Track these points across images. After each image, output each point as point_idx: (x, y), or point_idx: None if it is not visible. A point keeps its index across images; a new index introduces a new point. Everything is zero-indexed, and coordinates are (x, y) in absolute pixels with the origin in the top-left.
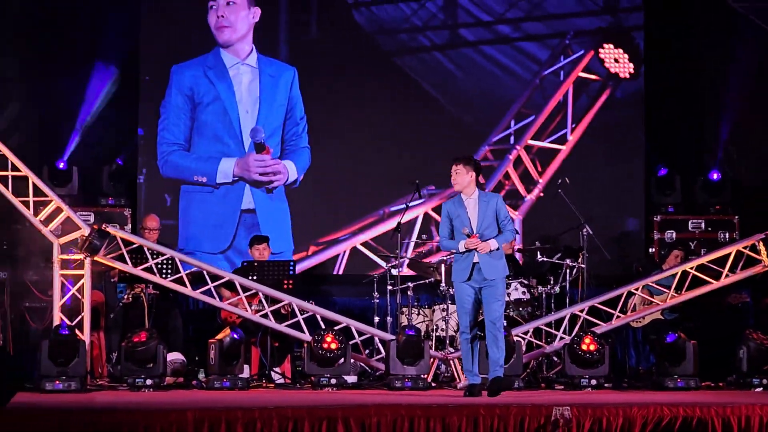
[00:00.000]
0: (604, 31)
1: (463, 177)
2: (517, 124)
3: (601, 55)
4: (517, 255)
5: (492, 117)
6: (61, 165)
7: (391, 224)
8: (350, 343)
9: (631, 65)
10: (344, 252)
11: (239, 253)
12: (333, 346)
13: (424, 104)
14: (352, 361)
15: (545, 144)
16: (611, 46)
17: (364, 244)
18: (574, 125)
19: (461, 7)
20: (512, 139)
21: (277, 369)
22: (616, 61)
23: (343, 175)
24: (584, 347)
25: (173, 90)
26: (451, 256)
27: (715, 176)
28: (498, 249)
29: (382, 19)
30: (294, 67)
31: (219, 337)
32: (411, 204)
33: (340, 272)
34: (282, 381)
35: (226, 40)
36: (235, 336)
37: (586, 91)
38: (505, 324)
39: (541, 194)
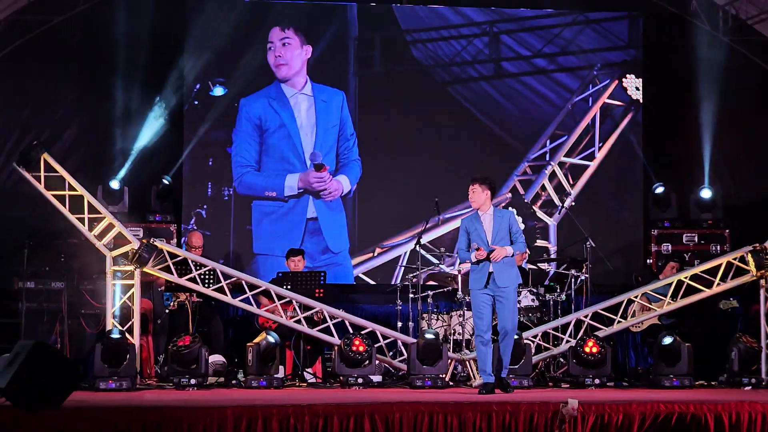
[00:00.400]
0: (627, 63)
1: (479, 195)
2: (552, 143)
3: (624, 84)
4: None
5: (530, 137)
6: (115, 185)
7: (445, 229)
8: (375, 345)
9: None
10: (405, 253)
11: (306, 256)
12: (361, 348)
13: (473, 126)
14: (377, 362)
15: (576, 160)
16: (633, 76)
17: (423, 246)
18: (600, 144)
19: (504, 43)
20: (547, 156)
21: (309, 370)
22: (637, 89)
23: (405, 186)
24: (587, 350)
25: (243, 120)
26: (468, 266)
27: (706, 194)
28: (512, 255)
29: (436, 54)
30: (342, 91)
31: (256, 340)
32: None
33: (400, 272)
34: (314, 380)
35: (284, 75)
36: (271, 339)
37: (611, 115)
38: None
39: (573, 203)
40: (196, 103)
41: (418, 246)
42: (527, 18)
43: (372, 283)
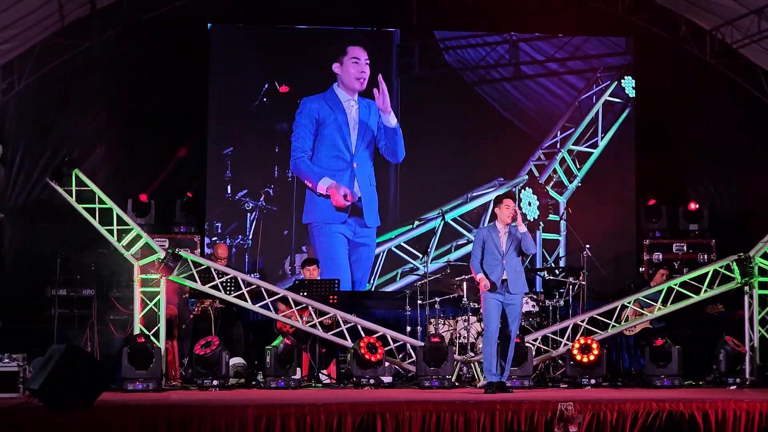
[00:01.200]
0: (625, 66)
1: (512, 211)
2: (562, 134)
3: (623, 84)
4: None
5: (544, 129)
6: (143, 198)
7: (474, 205)
8: (386, 348)
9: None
10: (440, 226)
11: (352, 224)
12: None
13: (496, 119)
14: (387, 364)
15: (582, 148)
16: (630, 77)
17: (454, 219)
18: (603, 135)
19: (522, 50)
20: (558, 144)
21: (324, 371)
22: (634, 88)
23: (440, 168)
24: (578, 357)
25: (304, 114)
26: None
27: (693, 206)
28: (525, 233)
29: (465, 59)
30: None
31: (274, 344)
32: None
33: (436, 240)
34: (328, 381)
35: (359, 89)
36: (287, 342)
37: (612, 110)
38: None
39: (579, 184)
40: (265, 100)
41: (428, 252)
42: (546, 36)
43: (412, 251)
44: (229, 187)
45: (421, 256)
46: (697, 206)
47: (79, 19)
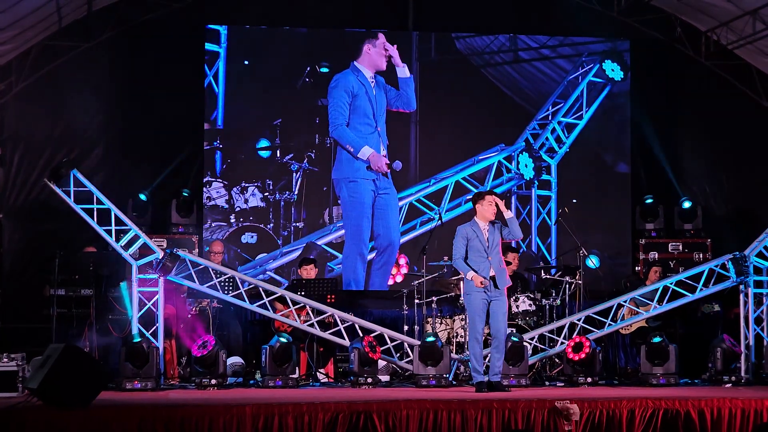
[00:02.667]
0: (606, 52)
1: (494, 208)
2: (554, 108)
3: (604, 67)
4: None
5: (538, 103)
6: (143, 197)
7: (480, 166)
8: (383, 348)
9: (621, 73)
10: (451, 183)
11: (375, 177)
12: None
13: (499, 96)
14: (385, 363)
15: (569, 119)
16: (609, 60)
17: (464, 178)
18: (587, 108)
19: (520, 39)
20: (550, 116)
21: (321, 370)
22: (612, 70)
23: (452, 135)
24: (570, 355)
25: (340, 88)
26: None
27: (686, 204)
28: (512, 218)
29: (473, 46)
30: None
31: (271, 343)
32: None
33: (448, 199)
34: (326, 380)
35: (383, 68)
36: (283, 340)
37: (594, 88)
38: (515, 331)
39: (568, 150)
40: (308, 80)
41: (424, 254)
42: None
43: (429, 204)
44: (278, 151)
45: (435, 207)
46: (690, 204)
47: (77, 20)
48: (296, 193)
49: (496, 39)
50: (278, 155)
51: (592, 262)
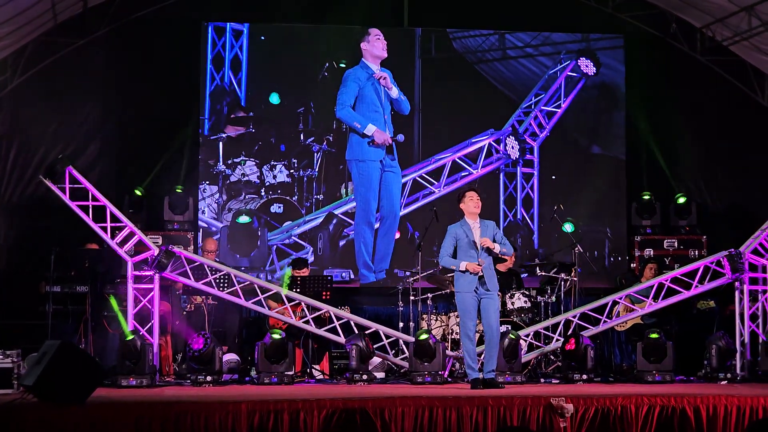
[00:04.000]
0: (581, 51)
1: (478, 203)
2: (536, 98)
3: (579, 63)
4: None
5: (523, 94)
6: (138, 192)
7: (473, 147)
8: (378, 344)
9: (594, 68)
10: (448, 162)
11: (382, 156)
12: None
13: (490, 88)
14: (380, 359)
15: (550, 108)
16: (584, 58)
17: (459, 158)
18: (565, 98)
19: (507, 38)
20: (533, 105)
21: (317, 367)
22: (587, 66)
23: (450, 121)
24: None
25: (350, 80)
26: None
27: (681, 200)
28: (501, 254)
29: (467, 46)
30: (389, 70)
31: (265, 340)
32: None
33: (446, 175)
34: (321, 377)
35: (384, 56)
36: (276, 337)
37: (571, 81)
38: (510, 328)
39: (548, 134)
40: (326, 74)
41: (419, 251)
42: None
43: (430, 180)
44: (302, 135)
45: (435, 182)
46: (685, 200)
47: (72, 17)
48: (317, 170)
49: (487, 39)
50: (302, 138)
51: (567, 227)
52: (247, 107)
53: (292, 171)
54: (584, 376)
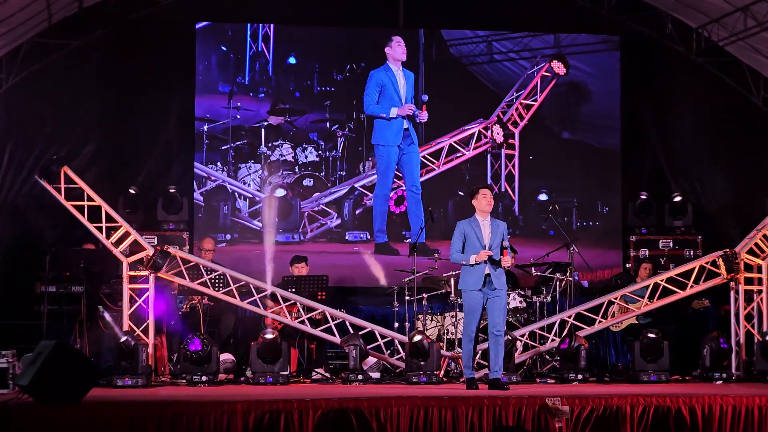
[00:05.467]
0: (554, 55)
1: (492, 200)
2: (517, 93)
3: (552, 65)
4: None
5: (506, 90)
6: (132, 190)
7: (466, 133)
8: (374, 345)
9: (564, 69)
10: (446, 146)
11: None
12: None
13: (479, 85)
14: (376, 360)
15: (528, 102)
16: (556, 60)
17: (455, 142)
18: (540, 93)
19: (494, 46)
20: (514, 99)
21: (319, 370)
22: (559, 67)
23: (447, 112)
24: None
25: (373, 80)
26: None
27: (677, 198)
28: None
29: (462, 51)
30: (412, 72)
31: (259, 340)
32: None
33: (444, 156)
34: (321, 377)
35: (404, 59)
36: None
37: (545, 80)
38: (506, 328)
39: (527, 123)
40: (348, 75)
41: (414, 253)
42: (506, 35)
43: (432, 159)
44: (328, 123)
45: (435, 161)
46: (680, 198)
47: (67, 17)
48: (340, 151)
49: (477, 46)
50: (328, 125)
51: (542, 197)
52: (279, 100)
53: (320, 152)
54: (579, 376)
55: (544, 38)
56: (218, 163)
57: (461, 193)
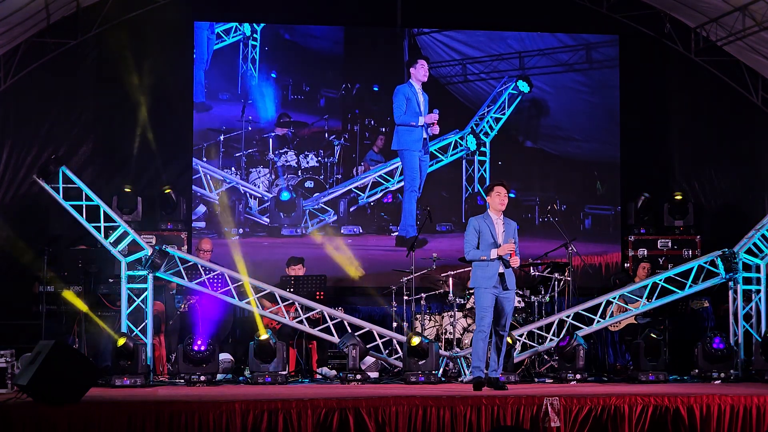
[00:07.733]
0: (519, 76)
1: (506, 199)
2: (488, 108)
3: (517, 84)
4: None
5: (478, 105)
6: (128, 189)
7: (444, 142)
8: (372, 344)
9: (528, 87)
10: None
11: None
12: None
13: (455, 101)
14: (374, 359)
15: (497, 115)
16: (521, 81)
17: (436, 150)
18: (507, 108)
19: (468, 68)
20: (485, 113)
21: (322, 369)
22: (522, 85)
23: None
24: None
25: (400, 94)
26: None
27: (678, 197)
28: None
29: (441, 72)
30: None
31: (257, 339)
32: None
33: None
34: (320, 377)
35: (425, 80)
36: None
37: (512, 96)
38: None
39: (496, 133)
40: (376, 89)
41: (412, 251)
42: (478, 59)
43: (436, 153)
44: (325, 134)
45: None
46: (681, 197)
47: (65, 17)
48: (336, 158)
49: (454, 68)
50: (326, 135)
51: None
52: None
53: (319, 159)
54: (578, 376)
55: (511, 61)
56: (232, 168)
57: (445, 195)
